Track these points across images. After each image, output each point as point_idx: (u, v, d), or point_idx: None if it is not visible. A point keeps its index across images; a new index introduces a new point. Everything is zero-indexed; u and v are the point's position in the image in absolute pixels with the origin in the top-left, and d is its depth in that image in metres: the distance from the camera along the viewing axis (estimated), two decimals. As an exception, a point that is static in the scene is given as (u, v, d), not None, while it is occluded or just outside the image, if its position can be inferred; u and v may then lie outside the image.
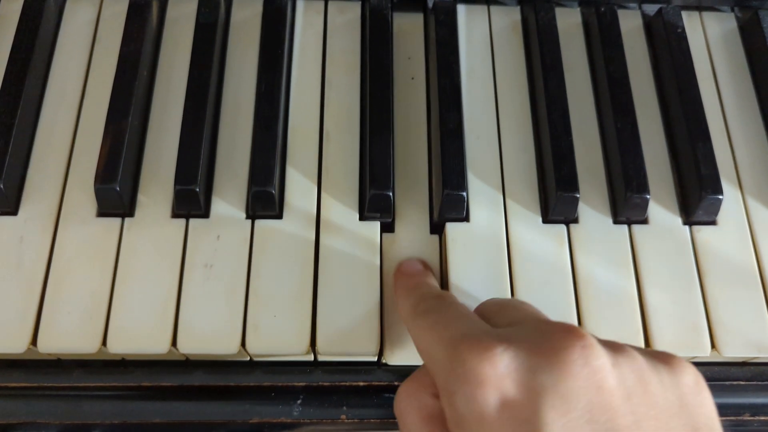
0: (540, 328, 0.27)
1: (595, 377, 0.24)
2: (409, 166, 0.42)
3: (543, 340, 0.25)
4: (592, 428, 0.23)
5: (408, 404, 0.30)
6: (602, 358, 0.25)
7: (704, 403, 0.26)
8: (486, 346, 0.25)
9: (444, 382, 0.26)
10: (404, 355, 0.37)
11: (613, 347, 0.26)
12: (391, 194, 0.39)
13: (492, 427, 0.24)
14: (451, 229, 0.40)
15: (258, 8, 0.46)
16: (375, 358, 0.39)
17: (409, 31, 0.47)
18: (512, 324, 0.29)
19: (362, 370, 0.39)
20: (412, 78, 0.45)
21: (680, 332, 0.38)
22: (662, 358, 0.27)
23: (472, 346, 0.26)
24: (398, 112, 0.44)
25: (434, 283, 0.37)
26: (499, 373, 0.25)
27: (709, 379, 0.28)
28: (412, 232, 0.40)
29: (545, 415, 0.23)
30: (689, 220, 0.41)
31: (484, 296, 0.38)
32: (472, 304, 0.37)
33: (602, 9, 0.47)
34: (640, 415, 0.24)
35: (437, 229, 0.40)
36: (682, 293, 0.39)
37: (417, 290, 0.35)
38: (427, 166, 0.42)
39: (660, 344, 0.38)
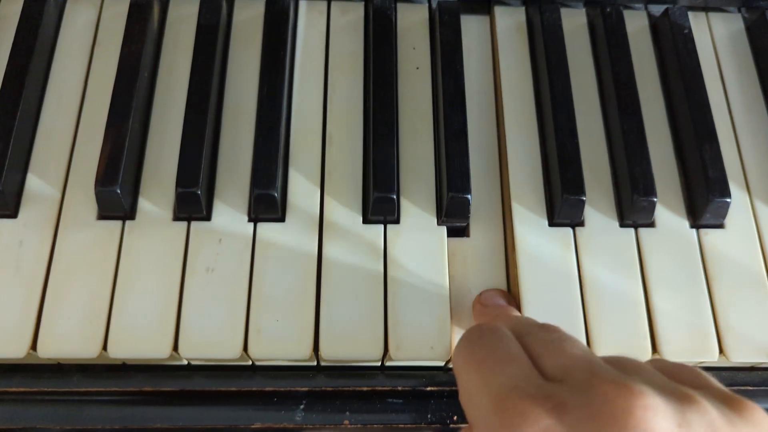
0: (595, 384, 0.24)
1: None
2: (415, 159, 0.42)
3: (599, 404, 0.23)
4: None
5: None
6: (666, 420, 0.22)
7: None
8: (538, 413, 0.23)
9: None
10: (408, 352, 0.37)
11: (680, 399, 0.23)
12: (395, 197, 0.38)
13: None
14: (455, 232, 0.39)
15: (260, 9, 0.46)
16: (378, 363, 0.39)
17: (413, 21, 0.46)
18: (562, 369, 0.26)
19: (365, 375, 0.39)
20: (417, 68, 0.45)
21: (687, 337, 0.38)
22: (734, 406, 0.24)
23: (525, 409, 0.23)
24: (403, 102, 0.43)
25: (505, 330, 0.31)
26: None
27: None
28: (418, 231, 0.40)
29: None
30: (696, 223, 0.41)
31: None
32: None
33: (608, 9, 0.46)
34: None
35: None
36: (690, 297, 0.39)
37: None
38: (434, 160, 0.42)
39: (667, 349, 0.37)
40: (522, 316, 0.31)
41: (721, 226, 0.41)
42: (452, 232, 0.40)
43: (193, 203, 0.38)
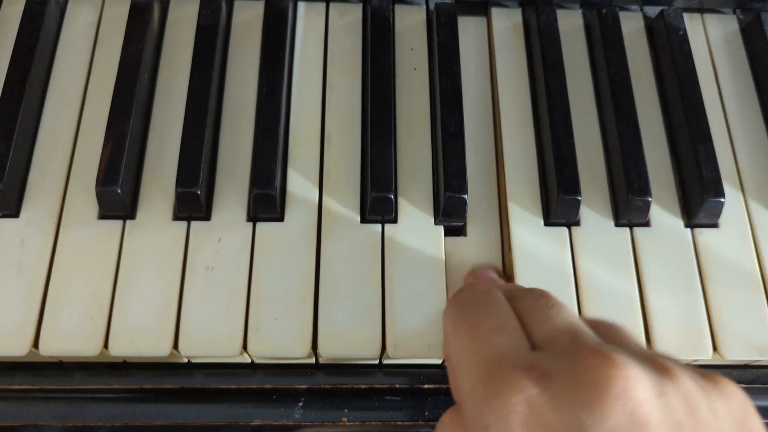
0: (578, 353, 0.25)
1: (639, 413, 0.22)
2: (412, 160, 0.42)
3: (582, 373, 0.24)
4: None
5: None
6: (645, 390, 0.23)
7: (754, 428, 0.25)
8: (523, 384, 0.24)
9: (475, 410, 0.25)
10: (406, 350, 0.37)
11: (659, 370, 0.24)
12: (392, 197, 0.39)
13: None
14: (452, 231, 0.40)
15: (259, 10, 0.46)
16: (376, 361, 0.39)
17: (411, 22, 0.47)
18: (548, 337, 0.27)
19: (364, 373, 0.40)
20: (415, 69, 0.45)
21: (682, 335, 0.38)
22: (711, 380, 0.25)
23: (510, 378, 0.24)
24: (401, 103, 0.44)
25: (499, 294, 0.32)
26: (538, 411, 0.23)
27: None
28: (415, 230, 0.40)
29: None
30: (691, 222, 0.41)
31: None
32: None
33: (604, 11, 0.47)
34: None
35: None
36: (684, 296, 0.39)
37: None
38: (431, 159, 0.42)
39: (661, 347, 0.38)
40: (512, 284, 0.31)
41: (715, 225, 0.41)
42: (449, 232, 0.40)
43: (192, 203, 0.39)
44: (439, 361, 0.40)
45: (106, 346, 0.36)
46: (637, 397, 0.23)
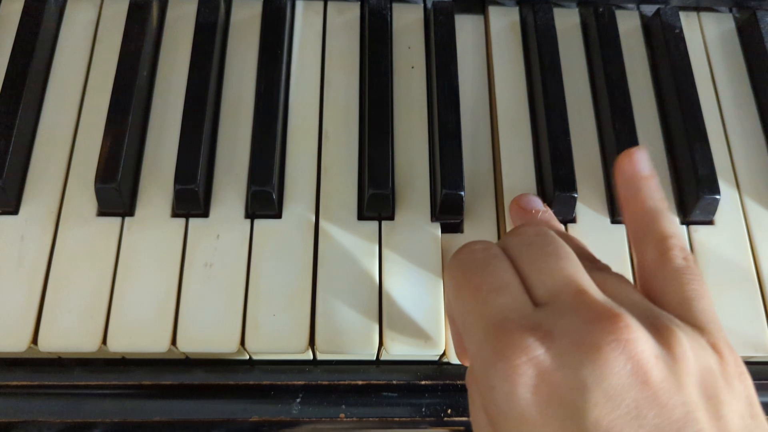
0: (581, 313, 0.25)
1: (639, 372, 0.23)
2: (409, 157, 0.42)
3: (584, 334, 0.24)
4: (639, 424, 0.22)
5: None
6: (647, 350, 0.24)
7: (744, 373, 0.26)
8: (528, 344, 0.24)
9: (482, 371, 0.25)
10: (403, 346, 0.38)
11: (660, 328, 0.25)
12: (390, 194, 0.39)
13: (534, 425, 0.24)
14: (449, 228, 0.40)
15: (258, 8, 0.47)
16: (374, 357, 0.39)
17: (409, 21, 0.47)
18: (550, 295, 0.27)
19: (361, 369, 0.40)
20: (412, 67, 0.45)
21: (677, 331, 0.38)
22: (700, 330, 0.26)
23: (514, 340, 0.24)
24: (398, 101, 0.44)
25: (497, 251, 0.30)
26: (542, 371, 0.24)
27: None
28: (412, 227, 0.40)
29: (590, 413, 0.23)
30: (686, 219, 0.42)
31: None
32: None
33: (600, 9, 0.47)
34: (692, 405, 0.23)
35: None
36: (680, 293, 0.39)
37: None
38: (428, 157, 0.42)
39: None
40: (525, 229, 0.31)
41: (711, 222, 0.42)
42: (446, 228, 0.41)
43: (191, 200, 0.39)
44: (436, 357, 0.40)
45: (104, 342, 0.37)
46: (638, 357, 0.23)
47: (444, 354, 0.38)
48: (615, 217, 0.41)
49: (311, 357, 0.40)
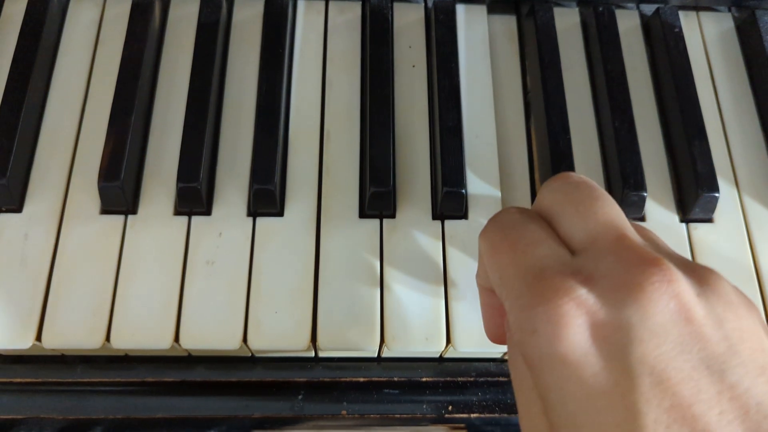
0: (621, 256, 0.25)
1: (682, 309, 0.23)
2: (410, 156, 0.42)
3: (626, 275, 0.24)
4: (685, 358, 0.23)
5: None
6: (688, 289, 0.24)
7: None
8: (569, 286, 0.24)
9: (522, 319, 0.25)
10: (404, 343, 0.38)
11: (697, 273, 0.25)
12: (391, 192, 0.39)
13: (578, 366, 0.23)
14: (450, 226, 0.40)
15: (259, 8, 0.47)
16: (375, 354, 0.39)
17: (410, 20, 0.47)
18: (588, 240, 0.27)
19: (362, 366, 0.40)
20: (413, 66, 0.46)
21: (677, 328, 0.39)
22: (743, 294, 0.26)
23: (556, 283, 0.25)
24: (399, 99, 0.44)
25: (533, 212, 0.30)
26: (585, 312, 0.24)
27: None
28: (414, 225, 0.40)
29: (636, 349, 0.23)
30: (686, 217, 0.42)
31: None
32: (472, 302, 0.38)
33: (600, 9, 0.47)
34: (735, 340, 0.23)
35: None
36: (679, 290, 0.39)
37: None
38: (429, 156, 0.43)
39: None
40: (555, 180, 0.30)
41: (710, 220, 0.42)
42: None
43: (193, 198, 0.39)
44: (438, 354, 0.40)
45: (108, 339, 0.37)
46: (680, 295, 0.24)
47: (444, 352, 0.38)
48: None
49: (313, 354, 0.40)
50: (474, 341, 0.37)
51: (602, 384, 0.23)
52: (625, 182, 0.40)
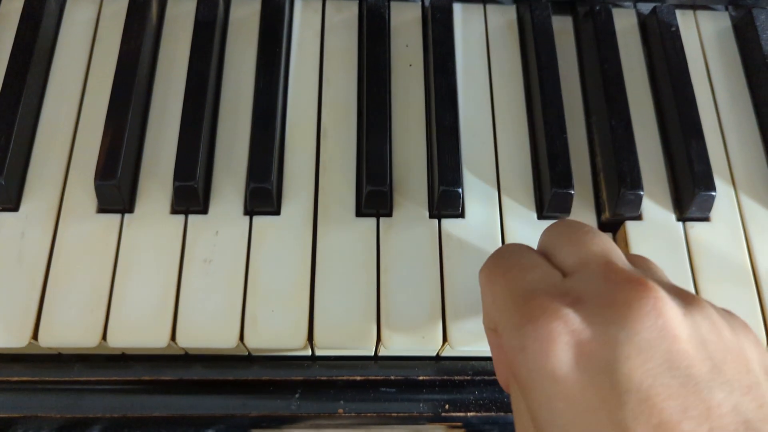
0: (609, 277, 0.26)
1: (669, 328, 0.24)
2: (407, 155, 0.42)
3: (613, 294, 0.25)
4: (672, 375, 0.23)
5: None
6: (674, 309, 0.24)
7: (761, 348, 0.26)
8: (557, 306, 0.25)
9: (512, 337, 0.26)
10: (401, 341, 0.38)
11: (683, 297, 0.26)
12: (387, 191, 0.39)
13: (566, 383, 0.24)
14: (446, 225, 0.40)
15: (256, 6, 0.47)
16: (372, 353, 0.39)
17: (407, 19, 0.47)
18: (579, 264, 0.28)
19: (359, 365, 0.40)
20: (410, 65, 0.46)
21: (673, 327, 0.39)
22: (732, 314, 0.27)
23: (544, 303, 0.25)
24: (396, 98, 0.44)
25: (529, 246, 0.32)
26: (572, 329, 0.24)
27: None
28: (410, 224, 0.40)
29: (623, 366, 0.23)
30: (682, 216, 0.42)
31: (479, 291, 0.38)
32: (469, 301, 0.38)
33: (597, 8, 0.47)
34: (718, 360, 0.24)
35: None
36: (675, 288, 0.39)
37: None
38: (426, 155, 0.43)
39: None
40: (555, 223, 0.32)
41: (706, 219, 0.42)
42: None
43: (190, 197, 0.39)
44: (434, 353, 0.40)
45: (104, 337, 0.37)
46: (666, 314, 0.24)
47: (440, 351, 0.39)
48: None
49: (310, 352, 0.40)
50: (470, 340, 0.37)
51: (590, 401, 0.23)
52: (622, 181, 0.40)
